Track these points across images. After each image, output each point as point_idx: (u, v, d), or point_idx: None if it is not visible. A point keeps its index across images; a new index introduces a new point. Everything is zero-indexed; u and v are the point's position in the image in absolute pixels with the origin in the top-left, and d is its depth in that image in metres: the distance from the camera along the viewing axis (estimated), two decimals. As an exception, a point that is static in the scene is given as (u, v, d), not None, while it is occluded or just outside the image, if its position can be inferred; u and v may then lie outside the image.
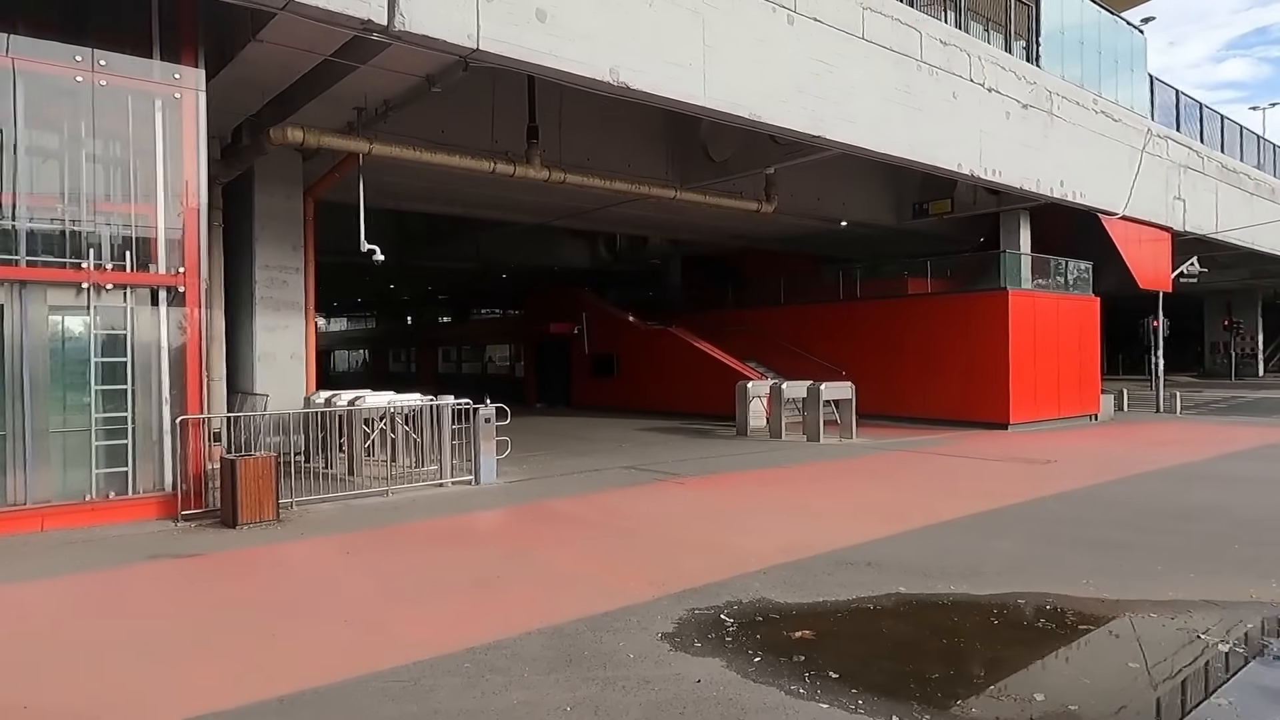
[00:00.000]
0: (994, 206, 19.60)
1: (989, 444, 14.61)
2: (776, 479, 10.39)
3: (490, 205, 18.31)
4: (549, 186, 15.71)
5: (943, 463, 11.85)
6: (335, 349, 41.31)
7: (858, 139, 13.19)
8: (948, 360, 17.99)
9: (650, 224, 21.16)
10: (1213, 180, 24.83)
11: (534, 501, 8.98)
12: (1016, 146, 16.76)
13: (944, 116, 14.95)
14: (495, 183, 15.50)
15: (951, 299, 18.25)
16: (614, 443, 14.91)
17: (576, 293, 24.39)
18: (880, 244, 23.69)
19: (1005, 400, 16.98)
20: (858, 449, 13.69)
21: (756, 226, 21.51)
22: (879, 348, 19.35)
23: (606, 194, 16.49)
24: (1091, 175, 19.03)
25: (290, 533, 7.50)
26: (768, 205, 15.72)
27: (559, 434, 16.76)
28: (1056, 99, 17.96)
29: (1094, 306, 19.98)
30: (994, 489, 9.46)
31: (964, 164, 15.42)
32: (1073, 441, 15.16)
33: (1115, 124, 20.16)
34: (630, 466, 11.52)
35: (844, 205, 19.98)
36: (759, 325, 22.12)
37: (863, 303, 20.07)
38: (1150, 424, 18.98)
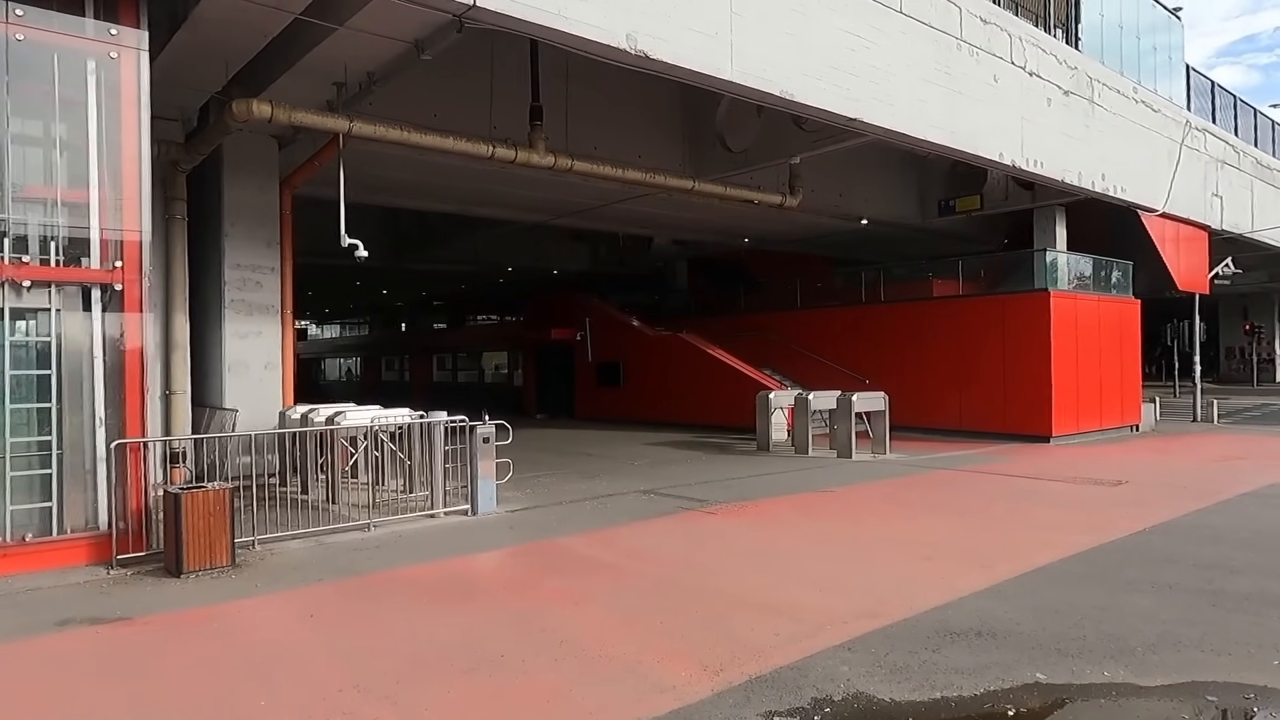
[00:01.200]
0: (1028, 203, 18.29)
1: (1039, 460, 13.26)
2: (820, 507, 9.01)
3: (487, 201, 16.96)
4: (553, 178, 14.36)
5: (999, 485, 10.50)
6: (326, 357, 39.88)
7: (896, 123, 11.89)
8: (983, 367, 16.65)
9: (658, 222, 19.83)
10: (1248, 177, 23.59)
11: (542, 539, 7.59)
12: (1058, 136, 15.48)
13: (985, 101, 13.66)
14: (493, 174, 14.16)
15: (987, 301, 16.92)
16: (625, 460, 13.54)
17: (578, 297, 23.04)
18: (898, 244, 22.38)
19: (1047, 411, 15.65)
20: (897, 467, 12.33)
21: (771, 226, 20.20)
22: (906, 354, 18.01)
23: (614, 187, 15.16)
24: (1133, 168, 17.75)
25: (245, 584, 6.11)
26: (792, 199, 14.40)
27: (563, 450, 15.38)
28: (1098, 86, 16.69)
29: (1135, 309, 18.67)
30: (1077, 519, 8.10)
31: (1005, 154, 14.14)
32: (1128, 457, 13.81)
33: (1155, 115, 18.90)
34: (648, 491, 10.14)
35: (866, 201, 18.67)
36: (773, 330, 20.78)
37: (888, 306, 18.73)
38: (1197, 435, 17.65)
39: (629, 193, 15.90)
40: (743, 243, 22.68)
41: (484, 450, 8.77)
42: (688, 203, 17.18)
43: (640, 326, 21.29)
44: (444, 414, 8.95)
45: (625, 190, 15.57)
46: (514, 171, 13.98)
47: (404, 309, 39.30)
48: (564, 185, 15.22)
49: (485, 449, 8.78)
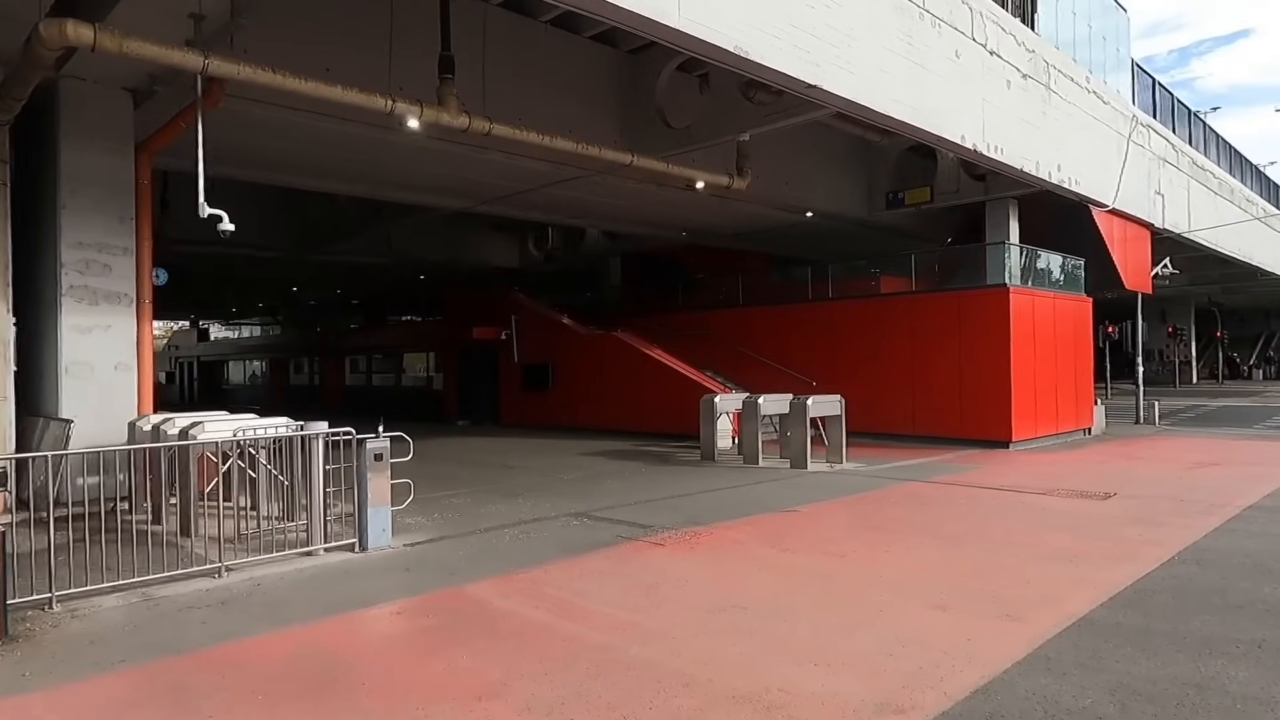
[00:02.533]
0: (980, 195, 17.40)
1: (1008, 469, 12.18)
2: (787, 533, 7.56)
3: (400, 183, 15.08)
4: (473, 154, 12.67)
5: (980, 500, 9.27)
6: (230, 360, 36.83)
7: (858, 94, 10.61)
8: (938, 369, 15.61)
9: (591, 211, 18.23)
10: (1185, 177, 23.43)
11: (445, 585, 5.91)
12: (1017, 122, 14.54)
13: (947, 78, 12.56)
14: (405, 149, 12.38)
15: (943, 297, 15.90)
16: (554, 474, 11.89)
17: (504, 293, 21.25)
18: (841, 241, 21.30)
19: (1007, 415, 14.67)
20: (860, 479, 11.03)
21: (712, 217, 18.84)
22: (857, 355, 16.88)
23: (542, 167, 13.55)
24: (1085, 161, 17.04)
25: (9, 674, 4.28)
26: (740, 181, 13.00)
27: (484, 462, 13.62)
28: (1054, 73, 15.87)
29: (1088, 308, 17.99)
30: (1091, 546, 6.86)
31: (968, 136, 13.06)
32: (1098, 464, 12.87)
33: (1105, 107, 18.29)
34: (581, 514, 8.54)
35: (813, 192, 17.48)
36: (715, 330, 19.43)
37: (838, 303, 17.58)
38: (1150, 439, 17.01)
39: (559, 174, 14.30)
40: (681, 236, 21.26)
41: (376, 470, 7.03)
42: (623, 188, 15.68)
43: (571, 325, 19.64)
44: (324, 424, 7.16)
45: (554, 171, 13.97)
46: (428, 147, 12.25)
47: (319, 308, 36.67)
48: (485, 164, 13.52)
49: (378, 468, 7.04)
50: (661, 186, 15.87)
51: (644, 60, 13.22)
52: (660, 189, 15.91)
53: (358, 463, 7.00)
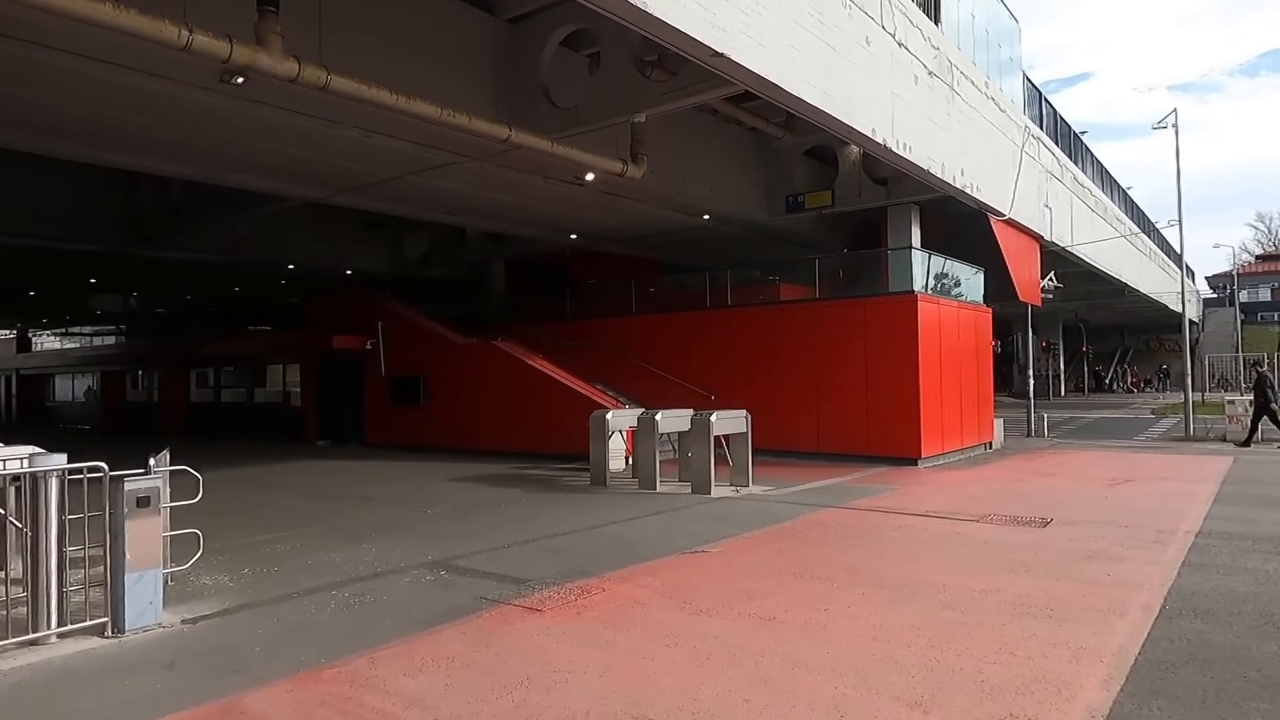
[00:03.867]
0: (882, 200, 16.68)
1: (926, 490, 11.18)
2: (697, 586, 6.04)
3: (238, 164, 12.79)
4: (322, 128, 10.70)
5: (911, 532, 8.07)
6: (57, 373, 32.36)
7: (768, 70, 9.37)
8: (843, 382, 14.62)
9: (468, 207, 16.38)
10: (1069, 192, 23.80)
11: (218, 697, 4.03)
12: (924, 120, 13.79)
13: (859, 66, 11.57)
14: (233, 121, 10.32)
15: (848, 305, 14.94)
16: (417, 506, 9.98)
17: (370, 297, 19.02)
18: (737, 248, 20.28)
19: (916, 430, 13.80)
20: (773, 507, 9.70)
21: (603, 217, 17.36)
22: (758, 366, 15.72)
23: (406, 143, 11.68)
24: (985, 168, 16.61)
25: None
26: (634, 168, 11.53)
27: (336, 492, 11.53)
28: (957, 73, 15.30)
29: (988, 319, 17.55)
30: (1064, 595, 5.68)
31: (878, 130, 12.13)
32: (1012, 482, 12.07)
33: (1002, 115, 18.02)
34: (440, 564, 6.75)
35: (711, 191, 16.27)
36: (605, 338, 17.91)
37: (737, 311, 16.39)
38: (1052, 453, 16.63)
39: (428, 159, 12.47)
40: (570, 240, 19.69)
41: (139, 519, 5.05)
42: (504, 180, 13.97)
43: (446, 334, 17.65)
44: (61, 457, 5.11)
45: (422, 154, 12.14)
46: (267, 120, 10.22)
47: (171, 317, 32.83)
48: (339, 143, 11.55)
49: (142, 516, 5.07)
50: (548, 180, 14.26)
51: (526, 30, 11.59)
52: (547, 183, 14.30)
53: (111, 511, 5.01)
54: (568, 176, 14.12)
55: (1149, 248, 39.17)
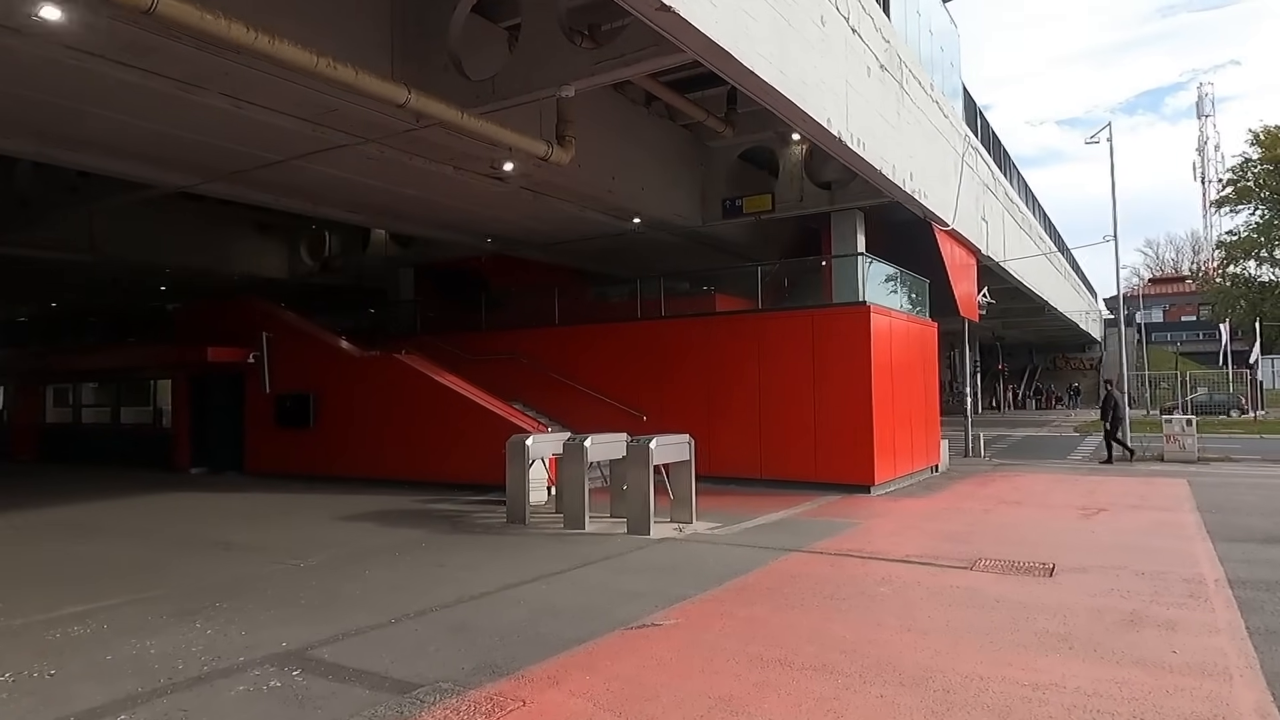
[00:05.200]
0: (826, 205, 15.53)
1: (892, 524, 9.87)
2: (653, 692, 4.39)
3: (80, 139, 10.57)
4: (177, 85, 8.73)
5: (902, 586, 6.65)
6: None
7: (720, 34, 7.90)
8: (789, 401, 13.28)
9: (372, 203, 14.41)
10: (1001, 207, 23.37)
11: None
12: (876, 117, 12.67)
13: (814, 46, 10.30)
14: (64, 77, 8.26)
15: (795, 317, 13.62)
16: (287, 558, 8.01)
17: (252, 303, 16.71)
18: (666, 256, 18.85)
19: (869, 454, 12.55)
20: (724, 551, 8.16)
21: (523, 218, 15.64)
22: (695, 384, 14.24)
23: (290, 119, 9.80)
24: (931, 174, 15.67)
25: None
26: (560, 151, 9.89)
27: (187, 539, 9.37)
28: (906, 71, 14.31)
29: (934, 333, 16.59)
30: (1121, 684, 4.32)
31: (834, 121, 10.89)
32: (981, 512, 10.89)
33: (945, 120, 17.21)
34: (294, 658, 4.91)
35: (643, 191, 14.78)
36: (525, 352, 16.15)
37: (671, 322, 14.89)
38: (1003, 476, 15.71)
39: (318, 139, 10.57)
40: (486, 244, 17.86)
41: None
42: (410, 170, 12.12)
43: (341, 346, 15.53)
44: None
45: (309, 133, 10.25)
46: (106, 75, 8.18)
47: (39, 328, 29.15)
48: (205, 114, 9.57)
49: None
50: (460, 172, 12.51)
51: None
52: (459, 174, 12.54)
53: None
54: (483, 168, 12.42)
55: (1065, 267, 39.85)
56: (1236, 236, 50.71)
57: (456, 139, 10.73)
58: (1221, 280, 52.40)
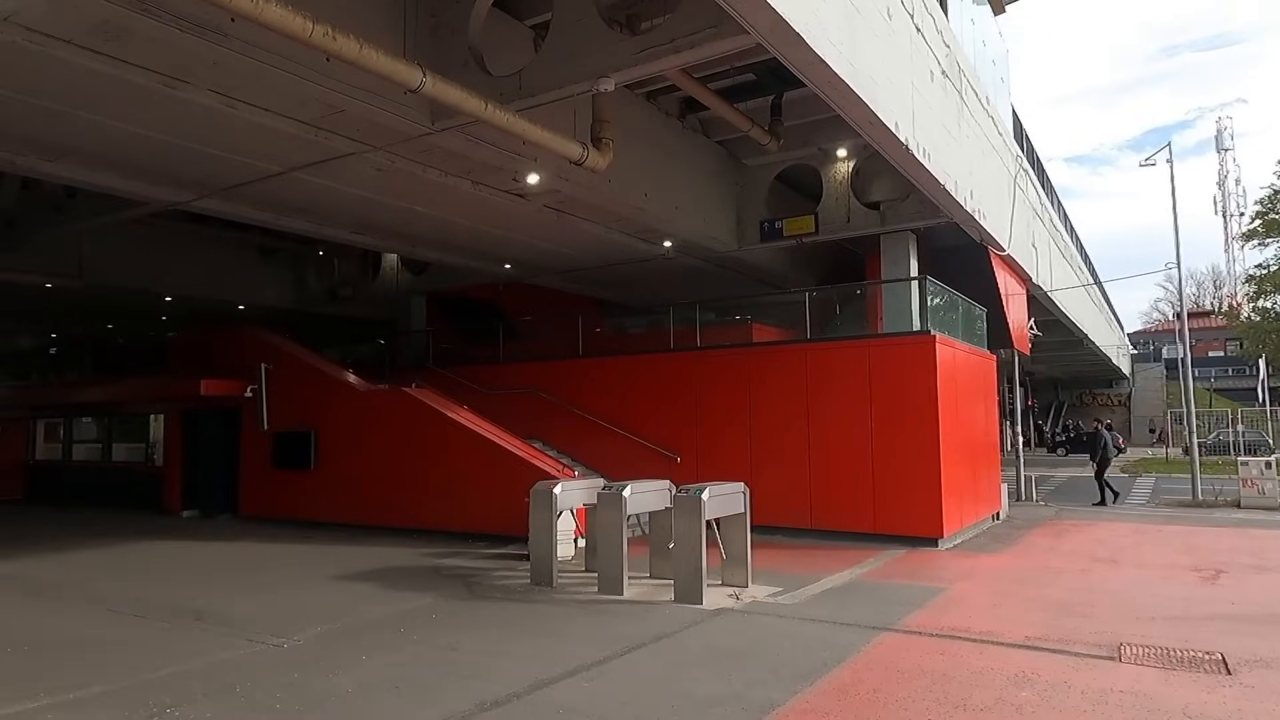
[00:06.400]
0: (875, 227, 14.21)
1: (985, 592, 8.38)
2: None
3: (56, 145, 9.40)
4: (160, 79, 7.59)
5: (1041, 689, 5.20)
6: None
7: (791, 11, 6.67)
8: (845, 441, 11.86)
9: (380, 222, 13.20)
10: (1047, 234, 22.07)
11: None
12: (939, 127, 11.44)
13: (880, 37, 9.11)
14: (33, 66, 7.10)
15: (850, 348, 12.24)
16: (266, 635, 6.60)
17: (253, 334, 15.47)
18: (694, 285, 17.51)
19: (936, 501, 11.09)
20: (797, 629, 6.72)
21: (544, 241, 14.37)
22: (734, 422, 12.85)
23: (288, 121, 8.61)
24: (989, 193, 14.41)
25: None
26: (597, 155, 8.64)
27: (155, 603, 7.95)
28: (965, 80, 13.14)
29: (993, 366, 15.18)
30: None
31: (901, 126, 9.65)
32: (1078, 573, 9.36)
33: (1000, 138, 16.00)
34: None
35: (676, 210, 13.48)
36: (545, 386, 14.81)
37: (708, 354, 13.53)
38: (1074, 525, 14.16)
39: (320, 148, 9.34)
40: (503, 271, 16.63)
41: None
42: (424, 184, 10.88)
43: (345, 379, 14.22)
44: None
45: (311, 139, 9.04)
46: (71, 64, 7.02)
47: (36, 360, 28.10)
48: (195, 115, 8.40)
49: None
50: (479, 187, 11.33)
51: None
52: (477, 189, 11.35)
53: None
54: (504, 182, 11.22)
55: (1100, 300, 38.41)
56: (1266, 270, 49.12)
57: (475, 146, 9.55)
58: (1251, 315, 50.68)
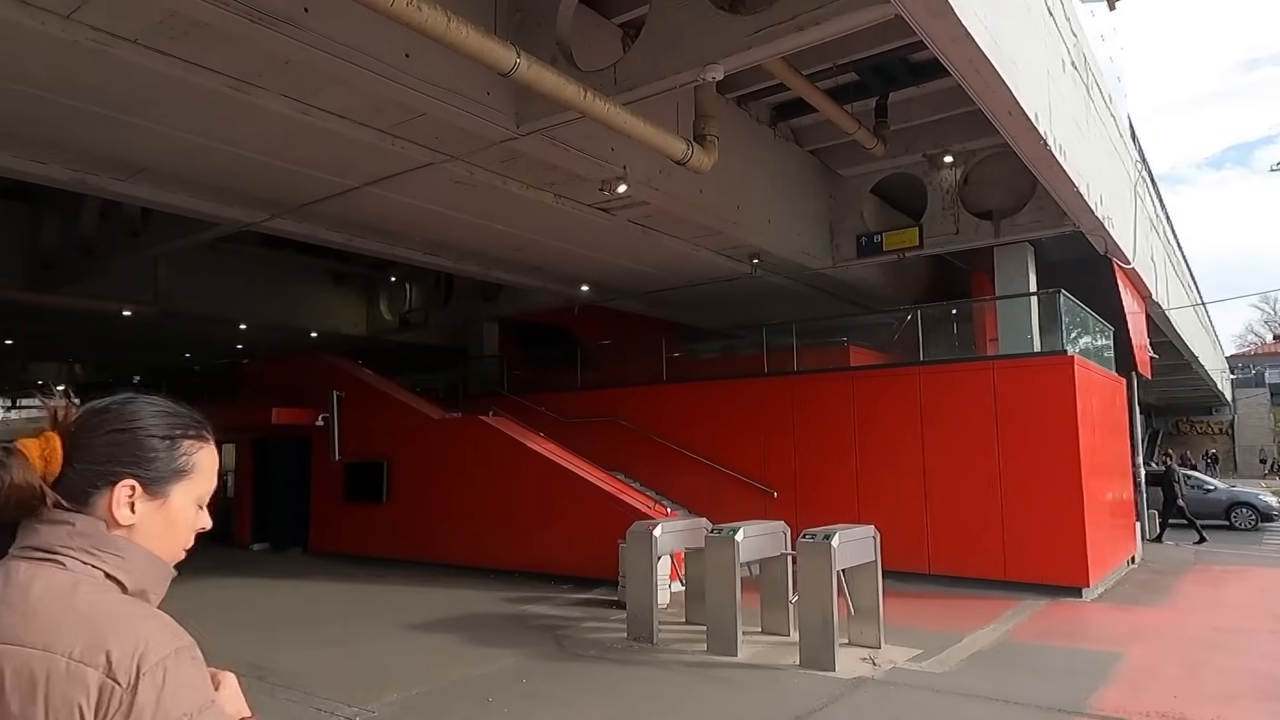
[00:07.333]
0: (988, 238, 12.89)
1: (1172, 659, 7.01)
2: None
3: (125, 161, 8.97)
4: (230, 82, 7.00)
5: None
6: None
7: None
8: (967, 474, 10.58)
9: (455, 241, 12.55)
10: (1163, 248, 20.32)
11: None
12: (1070, 122, 10.19)
13: (1019, 17, 8.04)
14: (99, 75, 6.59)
15: (972, 371, 11.00)
16: (338, 702, 5.71)
17: (322, 359, 14.99)
18: (774, 303, 16.20)
19: (1080, 545, 9.69)
20: (955, 705, 5.54)
21: (624, 258, 13.49)
22: (836, 453, 11.68)
23: (365, 129, 7.99)
24: (1114, 199, 12.99)
25: None
26: (702, 154, 7.70)
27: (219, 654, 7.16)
28: (1090, 74, 11.87)
29: (1123, 391, 13.67)
30: None
31: (1040, 117, 8.49)
32: (1269, 634, 7.91)
33: (1121, 141, 14.59)
34: None
35: (769, 224, 12.43)
36: (625, 414, 13.87)
37: (805, 379, 12.42)
38: (1227, 574, 12.48)
39: (396, 156, 8.68)
40: (579, 292, 15.81)
41: None
42: (500, 198, 10.13)
43: (420, 407, 13.54)
44: None
45: (386, 148, 8.38)
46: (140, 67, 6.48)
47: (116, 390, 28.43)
48: (263, 123, 7.86)
49: None
50: (561, 199, 10.56)
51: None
52: (559, 203, 10.58)
53: None
54: (590, 194, 10.37)
55: (1205, 321, 35.84)
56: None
57: (561, 152, 8.73)
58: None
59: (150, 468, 1.15)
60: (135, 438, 1.16)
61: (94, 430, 1.15)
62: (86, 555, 1.07)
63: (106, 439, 1.14)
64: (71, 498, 1.10)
